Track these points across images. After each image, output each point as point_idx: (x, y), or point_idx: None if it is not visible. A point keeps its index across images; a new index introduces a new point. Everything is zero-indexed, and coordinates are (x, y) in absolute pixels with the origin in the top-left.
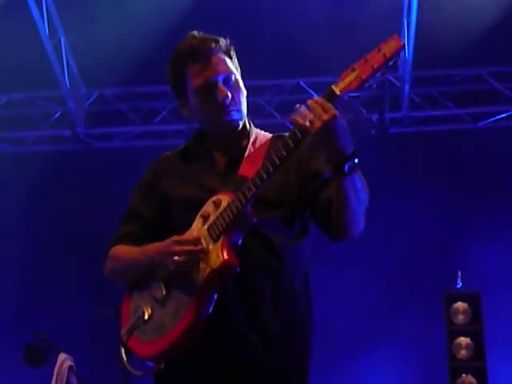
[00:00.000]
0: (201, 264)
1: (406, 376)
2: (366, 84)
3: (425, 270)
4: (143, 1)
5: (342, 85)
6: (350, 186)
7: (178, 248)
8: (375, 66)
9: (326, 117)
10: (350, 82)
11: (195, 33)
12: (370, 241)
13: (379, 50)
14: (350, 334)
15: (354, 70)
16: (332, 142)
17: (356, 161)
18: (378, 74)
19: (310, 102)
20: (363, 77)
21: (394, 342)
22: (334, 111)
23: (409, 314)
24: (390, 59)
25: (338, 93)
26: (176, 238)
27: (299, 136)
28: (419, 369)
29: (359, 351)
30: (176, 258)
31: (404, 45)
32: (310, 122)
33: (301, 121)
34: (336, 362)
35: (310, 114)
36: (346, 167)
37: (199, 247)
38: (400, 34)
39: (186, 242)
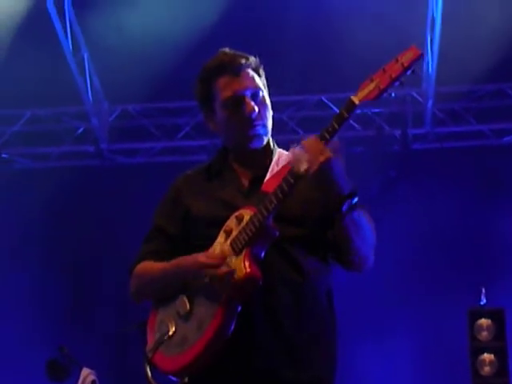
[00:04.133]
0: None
1: None
2: (385, 94)
3: (449, 284)
4: (168, 18)
5: (360, 95)
6: (351, 224)
7: (206, 272)
8: (393, 75)
9: (321, 158)
10: (369, 92)
11: (226, 49)
12: (394, 255)
13: (397, 61)
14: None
15: (372, 81)
16: (329, 183)
17: (355, 201)
18: (397, 83)
19: (305, 142)
20: (381, 86)
21: (420, 356)
22: (328, 153)
23: (432, 329)
24: (408, 68)
25: (356, 102)
26: (201, 258)
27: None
28: None
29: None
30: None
31: (422, 54)
32: (306, 164)
33: (297, 165)
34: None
35: (305, 155)
36: (344, 207)
37: (224, 270)
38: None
39: (212, 266)
